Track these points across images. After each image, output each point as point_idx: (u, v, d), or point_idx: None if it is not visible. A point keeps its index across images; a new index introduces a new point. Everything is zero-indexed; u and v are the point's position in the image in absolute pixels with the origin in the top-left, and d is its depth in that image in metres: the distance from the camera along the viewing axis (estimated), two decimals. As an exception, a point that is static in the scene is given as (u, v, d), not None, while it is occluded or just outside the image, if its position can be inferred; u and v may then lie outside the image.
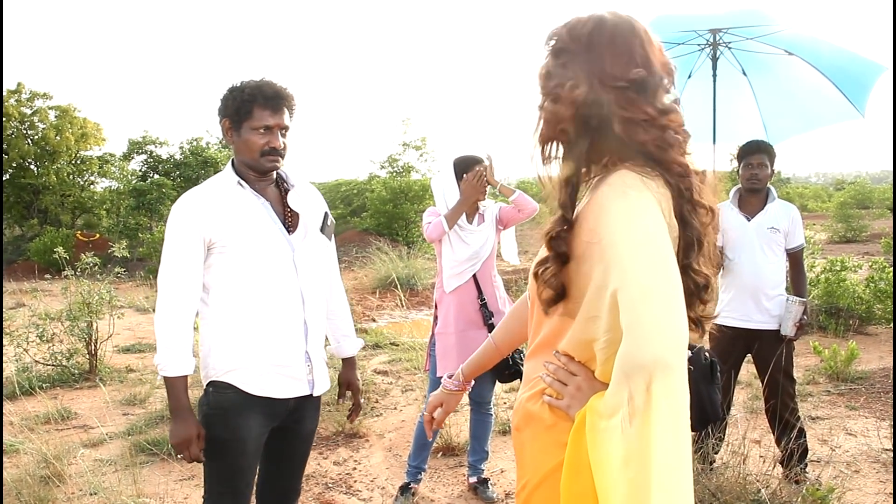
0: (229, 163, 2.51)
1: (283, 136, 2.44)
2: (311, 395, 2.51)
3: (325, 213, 2.62)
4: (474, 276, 3.89)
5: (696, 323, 1.49)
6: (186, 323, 2.36)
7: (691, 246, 1.43)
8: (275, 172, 2.51)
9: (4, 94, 22.11)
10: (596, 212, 1.38)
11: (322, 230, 2.57)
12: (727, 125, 4.48)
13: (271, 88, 2.39)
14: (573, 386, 1.46)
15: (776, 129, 4.61)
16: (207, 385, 2.46)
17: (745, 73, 4.77)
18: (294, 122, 2.51)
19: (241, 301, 2.39)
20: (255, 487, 2.65)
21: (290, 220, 2.49)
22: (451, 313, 3.87)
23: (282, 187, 2.54)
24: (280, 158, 2.44)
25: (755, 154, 4.09)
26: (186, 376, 2.38)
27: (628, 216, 1.32)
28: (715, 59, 4.49)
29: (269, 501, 2.71)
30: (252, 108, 2.37)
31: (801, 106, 4.73)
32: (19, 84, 22.49)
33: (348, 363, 2.86)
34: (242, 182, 2.43)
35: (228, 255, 2.37)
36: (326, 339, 2.80)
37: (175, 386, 2.36)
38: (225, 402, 2.41)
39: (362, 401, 2.94)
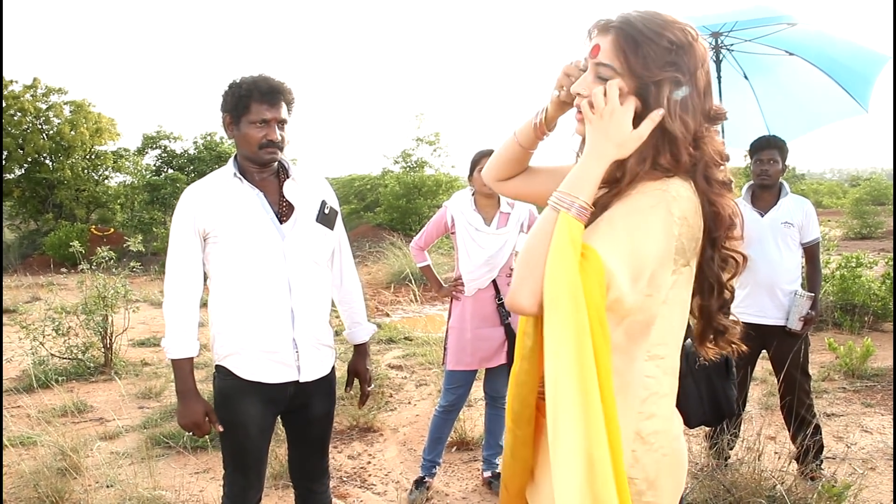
0: (232, 157, 2.61)
1: (281, 129, 2.52)
2: (299, 380, 2.57)
3: (322, 201, 2.65)
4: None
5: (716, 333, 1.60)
6: (188, 308, 2.50)
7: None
8: (276, 164, 2.59)
9: (20, 89, 22.22)
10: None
11: (319, 219, 2.61)
12: (730, 129, 4.45)
13: (267, 83, 2.48)
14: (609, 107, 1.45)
15: (780, 130, 4.57)
16: (214, 369, 2.60)
17: (746, 77, 4.74)
18: (293, 115, 2.59)
19: (234, 289, 2.50)
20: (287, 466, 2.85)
21: (283, 210, 2.57)
22: (467, 310, 3.87)
23: (281, 178, 2.61)
24: (278, 150, 2.52)
25: (766, 150, 4.07)
26: (191, 359, 2.50)
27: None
28: (718, 62, 4.47)
29: (298, 480, 2.84)
30: (249, 102, 2.46)
31: (804, 105, 4.70)
32: (35, 79, 22.54)
33: (359, 351, 2.92)
34: (239, 175, 2.52)
35: (222, 245, 2.48)
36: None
37: (181, 368, 2.49)
38: (226, 387, 2.55)
39: (370, 391, 2.99)
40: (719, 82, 4.44)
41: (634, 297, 1.39)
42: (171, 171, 22.29)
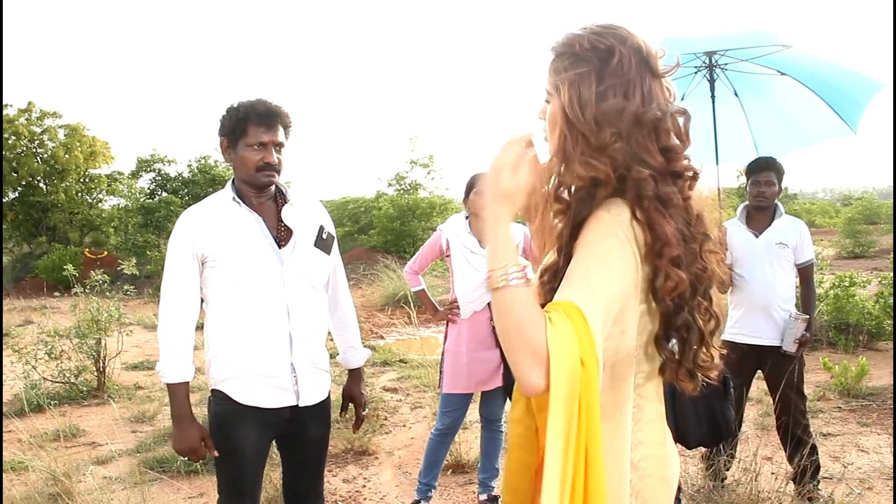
0: (230, 181, 2.61)
1: (278, 152, 2.53)
2: (298, 405, 2.56)
3: (321, 226, 2.66)
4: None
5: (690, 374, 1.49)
6: (184, 332, 2.48)
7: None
8: (273, 188, 2.60)
9: (15, 112, 22.26)
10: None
11: (317, 244, 2.62)
12: (719, 146, 4.49)
13: (264, 106, 2.50)
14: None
15: (767, 147, 4.62)
16: (210, 393, 2.58)
17: (736, 95, 4.78)
18: (290, 138, 2.60)
19: (231, 312, 2.49)
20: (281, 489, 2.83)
21: (282, 235, 2.57)
22: (463, 333, 3.86)
23: (279, 203, 2.61)
24: (275, 173, 2.53)
25: (763, 171, 4.09)
26: (187, 383, 2.48)
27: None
28: (712, 81, 4.51)
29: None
30: (247, 125, 2.48)
31: (792, 124, 4.74)
32: (30, 103, 22.65)
33: (353, 375, 2.92)
34: (237, 199, 2.53)
35: (220, 269, 2.47)
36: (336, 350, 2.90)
37: (177, 392, 2.47)
38: (221, 412, 2.53)
39: (365, 415, 2.98)
40: (713, 101, 4.47)
41: (606, 342, 1.33)
42: (165, 194, 22.38)
